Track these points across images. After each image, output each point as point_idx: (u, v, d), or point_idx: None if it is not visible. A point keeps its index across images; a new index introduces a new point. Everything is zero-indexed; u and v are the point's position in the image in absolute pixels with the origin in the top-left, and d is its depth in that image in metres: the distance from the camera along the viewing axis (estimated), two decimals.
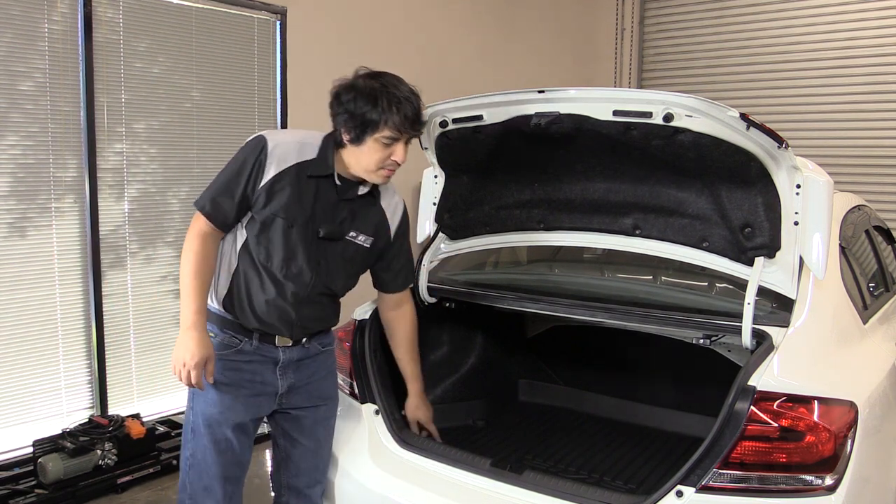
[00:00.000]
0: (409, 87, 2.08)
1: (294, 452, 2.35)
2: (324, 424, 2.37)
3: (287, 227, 2.10)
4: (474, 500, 2.13)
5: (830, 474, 1.85)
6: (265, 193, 2.08)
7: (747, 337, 2.08)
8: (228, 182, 2.09)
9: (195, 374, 2.03)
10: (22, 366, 3.54)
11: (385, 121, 2.02)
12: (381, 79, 2.06)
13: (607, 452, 2.81)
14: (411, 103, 2.05)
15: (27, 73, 3.45)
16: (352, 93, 2.04)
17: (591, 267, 3.23)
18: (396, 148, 2.07)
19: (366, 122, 2.02)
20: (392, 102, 2.01)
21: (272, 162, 2.08)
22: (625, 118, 2.07)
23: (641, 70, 7.10)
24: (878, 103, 5.86)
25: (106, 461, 3.47)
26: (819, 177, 2.08)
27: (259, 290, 2.14)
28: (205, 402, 2.17)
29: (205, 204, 2.10)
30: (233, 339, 2.18)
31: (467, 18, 5.80)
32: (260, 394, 2.22)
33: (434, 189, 2.70)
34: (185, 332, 2.04)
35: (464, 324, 3.14)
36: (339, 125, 2.08)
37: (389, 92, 2.02)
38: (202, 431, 2.18)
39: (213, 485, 2.18)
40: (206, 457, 2.18)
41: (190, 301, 2.06)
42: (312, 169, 2.11)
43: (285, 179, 2.09)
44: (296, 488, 2.37)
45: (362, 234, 2.23)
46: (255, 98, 4.36)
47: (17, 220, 3.48)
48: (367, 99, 2.01)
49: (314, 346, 2.30)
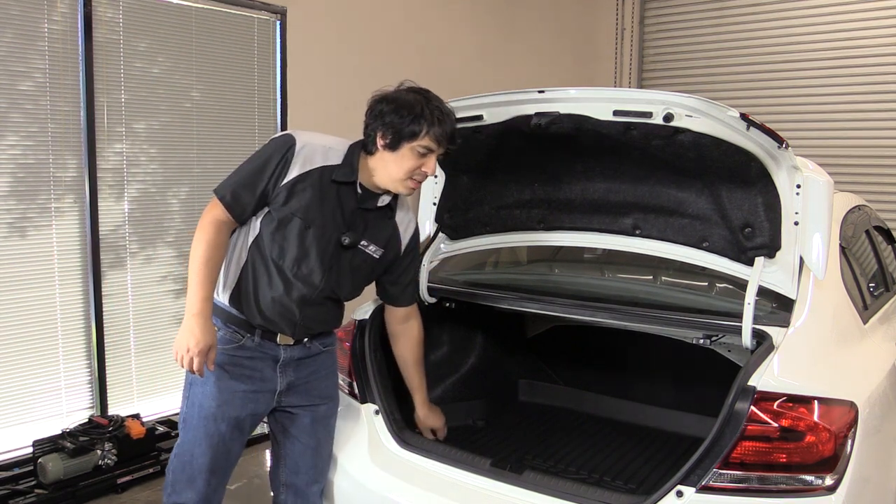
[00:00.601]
0: (449, 107, 2.13)
1: (293, 451, 2.35)
2: (323, 424, 2.38)
3: (304, 227, 2.11)
4: (474, 500, 2.13)
5: (830, 474, 1.85)
6: (286, 191, 2.09)
7: (747, 337, 2.08)
8: (252, 175, 2.10)
9: (198, 361, 2.02)
10: (22, 366, 3.53)
11: (427, 130, 2.05)
12: (426, 93, 2.12)
13: (607, 452, 2.81)
14: (451, 120, 2.11)
15: (27, 73, 3.45)
16: (395, 102, 2.07)
17: (591, 267, 3.23)
18: (429, 159, 2.10)
19: (402, 130, 2.05)
20: (436, 115, 2.06)
21: (297, 161, 2.10)
22: (625, 118, 2.07)
23: (641, 70, 7.10)
24: (878, 103, 5.86)
25: (106, 461, 3.46)
26: (819, 177, 2.08)
27: (266, 286, 2.15)
28: (202, 395, 2.18)
29: (225, 193, 2.10)
30: (235, 335, 2.19)
31: (467, 18, 5.80)
32: (259, 390, 2.22)
33: (434, 189, 2.70)
34: (191, 319, 2.03)
35: (464, 324, 3.14)
36: (375, 130, 2.10)
37: (434, 105, 2.08)
38: (195, 423, 2.18)
39: (196, 477, 2.18)
40: (195, 448, 2.18)
41: (198, 288, 2.05)
42: (337, 174, 2.13)
43: (308, 181, 2.10)
44: (294, 486, 2.37)
45: (373, 245, 2.24)
46: (255, 98, 4.36)
47: (17, 220, 3.48)
48: (413, 107, 2.05)
49: (315, 346, 2.31)
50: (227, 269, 2.20)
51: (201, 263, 2.06)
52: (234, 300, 2.19)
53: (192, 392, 2.20)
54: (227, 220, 2.12)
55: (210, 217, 2.10)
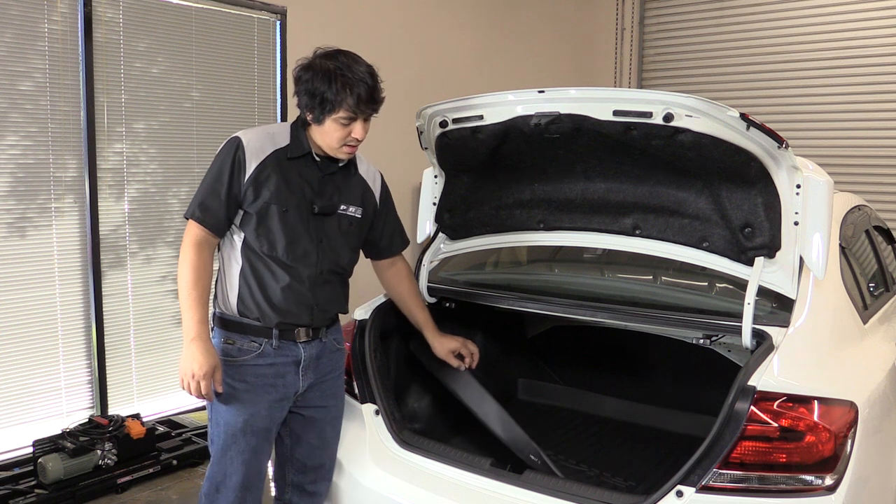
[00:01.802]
0: (365, 66, 2.10)
1: (300, 451, 2.35)
2: (332, 424, 2.38)
3: (282, 211, 2.13)
4: (474, 500, 2.13)
5: (830, 474, 1.85)
6: (252, 186, 2.11)
7: (747, 337, 2.08)
8: (212, 184, 2.12)
9: (205, 385, 2.03)
10: (22, 366, 3.54)
11: (340, 102, 2.05)
12: (336, 59, 2.08)
13: (607, 452, 2.81)
14: (366, 84, 2.07)
15: (27, 73, 3.46)
16: (309, 72, 2.08)
17: (591, 267, 3.23)
18: (355, 126, 2.11)
19: (323, 102, 2.06)
20: (346, 84, 2.04)
21: (250, 156, 2.12)
22: (625, 118, 2.07)
23: (641, 70, 7.10)
24: (878, 103, 5.87)
25: (106, 461, 3.46)
26: (819, 177, 2.08)
27: (272, 280, 2.15)
28: (227, 412, 2.15)
29: (194, 210, 2.12)
30: (252, 344, 2.16)
31: (467, 19, 5.80)
32: (283, 398, 2.21)
33: (434, 189, 2.69)
34: (190, 344, 2.03)
35: (464, 324, 3.13)
36: (301, 106, 2.13)
37: (344, 74, 2.05)
38: (224, 442, 2.16)
39: (231, 497, 2.17)
40: (227, 468, 2.16)
41: (192, 312, 2.06)
42: (290, 151, 2.16)
43: (268, 168, 2.13)
44: (300, 486, 2.37)
45: (352, 206, 2.28)
46: (254, 98, 4.36)
47: (17, 220, 3.48)
48: (323, 80, 2.05)
49: (330, 342, 2.31)
50: (225, 281, 2.19)
51: (190, 287, 2.07)
52: (243, 309, 2.17)
53: (216, 411, 2.18)
54: (205, 236, 2.12)
55: (189, 240, 2.11)
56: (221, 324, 2.20)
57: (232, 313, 2.18)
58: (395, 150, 4.63)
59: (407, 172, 4.73)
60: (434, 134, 2.47)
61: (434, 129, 2.44)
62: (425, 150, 2.58)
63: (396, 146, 4.60)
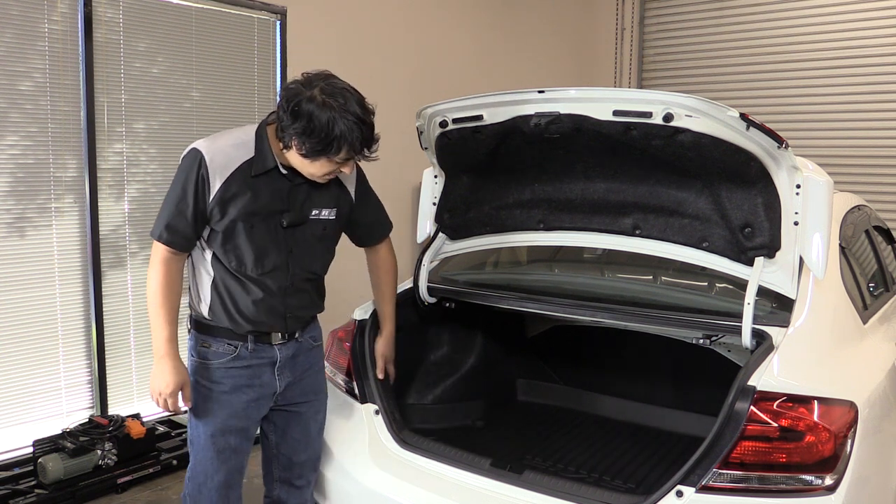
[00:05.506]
0: (364, 109, 2.00)
1: (286, 447, 2.37)
2: (315, 419, 2.40)
3: (249, 228, 2.10)
4: (474, 500, 2.13)
5: (830, 474, 1.85)
6: (218, 206, 2.07)
7: (747, 337, 2.08)
8: (176, 204, 2.08)
9: (171, 402, 2.11)
10: (22, 366, 3.53)
11: (339, 148, 1.98)
12: (342, 98, 1.98)
13: (607, 452, 2.81)
14: (361, 130, 1.98)
15: (27, 73, 3.45)
16: (310, 119, 1.96)
17: (591, 267, 3.23)
18: (347, 164, 2.07)
19: (320, 147, 1.98)
20: (353, 131, 1.96)
21: (215, 173, 2.06)
22: (625, 118, 2.08)
23: (641, 70, 7.10)
24: (878, 103, 5.86)
25: (106, 461, 3.46)
26: (819, 177, 2.09)
27: (243, 294, 2.15)
28: (205, 413, 2.19)
29: (161, 233, 2.10)
30: (228, 347, 2.18)
31: (467, 19, 5.80)
32: (260, 397, 2.23)
33: (434, 189, 2.70)
34: (160, 362, 2.09)
35: (464, 324, 3.13)
36: (289, 138, 2.00)
37: (349, 119, 1.96)
38: (203, 443, 2.19)
39: (214, 496, 2.20)
40: (208, 468, 2.19)
41: (161, 331, 2.09)
42: (256, 168, 2.09)
43: (234, 185, 2.07)
44: (288, 481, 2.40)
45: (325, 209, 2.23)
46: (254, 98, 4.36)
47: (17, 220, 3.48)
48: (327, 126, 1.95)
49: (307, 341, 2.32)
50: (198, 290, 2.19)
51: (158, 305, 2.09)
52: (214, 319, 2.17)
53: (194, 413, 2.21)
54: (172, 255, 2.12)
55: (156, 259, 2.12)
56: (197, 326, 2.22)
57: (207, 316, 2.19)
58: (395, 150, 4.62)
59: (407, 172, 4.74)
60: (434, 134, 2.47)
61: (434, 129, 2.44)
62: (425, 150, 2.58)
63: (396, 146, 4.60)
